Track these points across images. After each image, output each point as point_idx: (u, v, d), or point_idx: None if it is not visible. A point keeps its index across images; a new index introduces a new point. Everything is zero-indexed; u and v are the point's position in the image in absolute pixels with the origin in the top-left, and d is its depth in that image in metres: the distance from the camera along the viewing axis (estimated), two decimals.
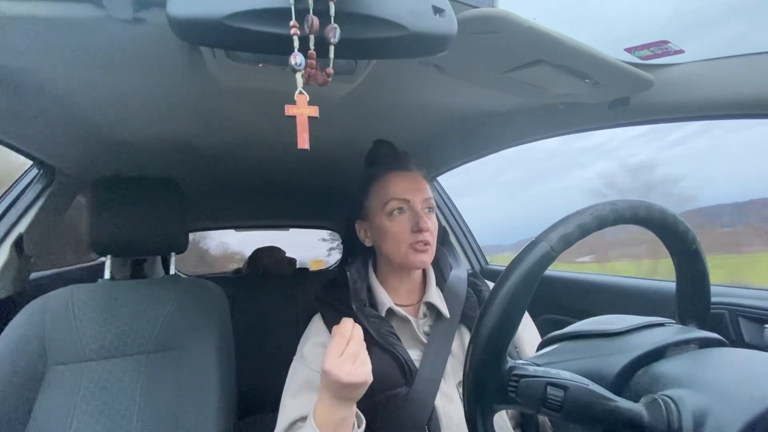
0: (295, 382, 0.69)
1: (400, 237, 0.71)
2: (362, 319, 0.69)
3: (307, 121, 0.44)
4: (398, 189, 0.72)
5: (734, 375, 0.35)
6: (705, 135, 3.48)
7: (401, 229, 0.71)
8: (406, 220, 0.71)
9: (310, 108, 0.44)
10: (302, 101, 0.43)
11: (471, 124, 1.03)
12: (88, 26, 0.52)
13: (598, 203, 0.42)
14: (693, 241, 0.45)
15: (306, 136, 0.43)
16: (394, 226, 0.72)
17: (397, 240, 0.71)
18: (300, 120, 0.43)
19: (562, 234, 0.39)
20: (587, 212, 0.41)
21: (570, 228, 0.40)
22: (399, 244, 0.71)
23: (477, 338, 0.39)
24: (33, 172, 1.13)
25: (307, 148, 0.43)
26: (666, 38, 0.62)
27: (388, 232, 0.72)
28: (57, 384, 0.83)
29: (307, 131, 0.43)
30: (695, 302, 0.48)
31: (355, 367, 0.57)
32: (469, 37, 0.53)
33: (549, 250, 0.39)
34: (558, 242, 0.39)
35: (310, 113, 0.44)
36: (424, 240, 0.70)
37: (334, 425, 0.58)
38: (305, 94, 0.43)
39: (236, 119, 0.94)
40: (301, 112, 0.43)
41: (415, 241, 0.70)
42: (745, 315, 0.76)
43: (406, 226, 0.71)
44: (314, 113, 0.44)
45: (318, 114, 0.44)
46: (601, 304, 1.08)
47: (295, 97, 0.43)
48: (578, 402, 0.35)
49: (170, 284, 0.99)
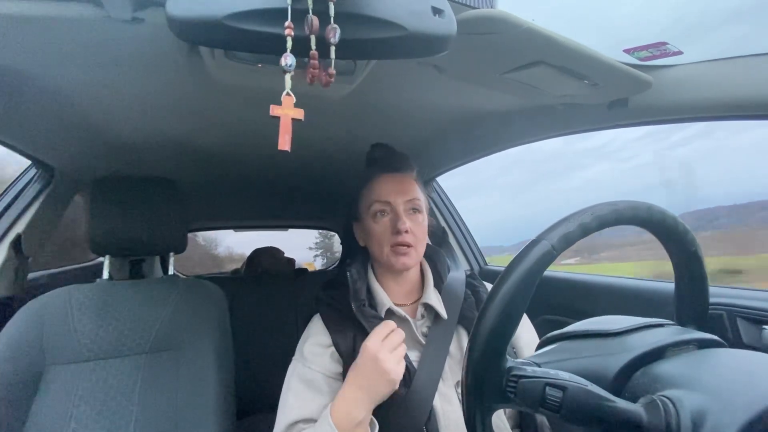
0: (295, 382, 0.69)
1: (381, 238, 0.73)
2: (361, 319, 0.69)
3: (291, 123, 0.43)
4: (382, 191, 0.74)
5: (732, 376, 0.35)
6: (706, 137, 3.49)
7: (383, 230, 0.73)
8: (388, 222, 0.73)
9: (295, 110, 0.43)
10: (288, 103, 0.43)
11: (470, 124, 1.03)
12: (87, 26, 0.52)
13: (599, 203, 0.42)
14: (692, 242, 0.45)
15: (288, 138, 0.43)
16: (377, 228, 0.73)
17: (379, 241, 0.73)
18: (284, 121, 0.43)
19: (564, 233, 0.39)
20: (588, 212, 0.41)
21: (571, 227, 0.40)
22: (381, 246, 0.73)
23: (476, 336, 0.39)
24: (31, 172, 1.12)
25: (287, 150, 0.43)
26: (665, 40, 0.63)
27: (372, 234, 0.74)
28: (55, 384, 0.82)
29: (290, 133, 0.43)
30: (694, 304, 0.48)
31: (393, 356, 0.61)
32: (469, 37, 0.53)
33: (550, 249, 0.39)
34: (559, 241, 0.39)
35: (294, 115, 0.43)
36: (404, 242, 0.71)
37: (352, 426, 0.59)
38: (292, 96, 0.43)
39: (235, 119, 0.94)
40: (285, 113, 0.43)
41: (395, 243, 0.71)
42: (744, 316, 0.76)
43: (387, 228, 0.72)
44: (299, 116, 0.43)
45: (303, 117, 0.44)
46: (600, 305, 1.08)
47: (282, 98, 0.43)
48: (577, 402, 0.35)
49: (169, 284, 0.99)
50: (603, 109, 0.80)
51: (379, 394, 0.61)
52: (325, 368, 0.69)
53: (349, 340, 0.70)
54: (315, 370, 0.69)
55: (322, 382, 0.68)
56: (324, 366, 0.69)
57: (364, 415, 0.60)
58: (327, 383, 0.68)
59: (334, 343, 0.70)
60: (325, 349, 0.71)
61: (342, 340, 0.70)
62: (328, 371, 0.69)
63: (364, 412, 0.60)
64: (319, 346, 0.71)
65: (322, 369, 0.69)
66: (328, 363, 0.70)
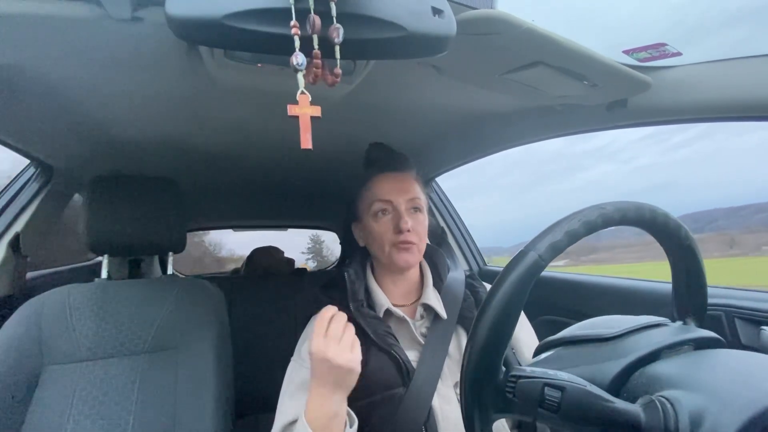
0: (293, 383, 0.69)
1: (383, 237, 0.73)
2: (360, 319, 0.69)
3: (310, 121, 0.44)
4: (383, 190, 0.74)
5: (731, 376, 0.35)
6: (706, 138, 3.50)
7: (385, 229, 0.73)
8: (390, 221, 0.73)
9: (312, 108, 0.44)
10: (304, 101, 0.43)
11: (469, 124, 1.03)
12: (86, 25, 0.52)
13: (586, 208, 0.42)
14: (686, 237, 0.45)
15: (309, 136, 0.43)
16: (379, 227, 0.73)
17: (381, 240, 0.73)
18: (303, 120, 0.43)
19: (551, 242, 0.39)
20: (575, 218, 0.41)
21: (558, 236, 0.40)
22: (383, 245, 0.73)
23: (473, 343, 0.39)
24: (30, 171, 1.12)
25: (310, 148, 0.43)
26: (665, 41, 0.63)
27: (373, 233, 0.74)
28: (53, 384, 0.82)
29: (309, 131, 0.43)
30: (692, 298, 0.48)
31: (341, 348, 0.57)
32: (468, 38, 0.53)
33: (537, 259, 0.39)
34: (546, 251, 0.39)
35: (312, 113, 0.44)
36: (406, 240, 0.71)
37: (326, 420, 0.58)
38: (307, 94, 0.43)
39: (234, 119, 0.94)
40: (304, 112, 0.43)
41: (396, 242, 0.71)
42: (742, 316, 0.76)
43: (389, 227, 0.72)
44: (317, 113, 0.44)
45: (320, 114, 0.44)
46: (598, 304, 1.09)
47: (298, 98, 0.43)
48: (575, 403, 0.35)
49: (168, 284, 0.98)
50: (602, 109, 0.80)
51: (344, 385, 0.59)
52: None
53: None
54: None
55: None
56: None
57: (337, 407, 0.59)
58: None
59: None
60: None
61: None
62: None
63: (336, 404, 0.59)
64: None
65: None
66: None
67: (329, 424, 0.58)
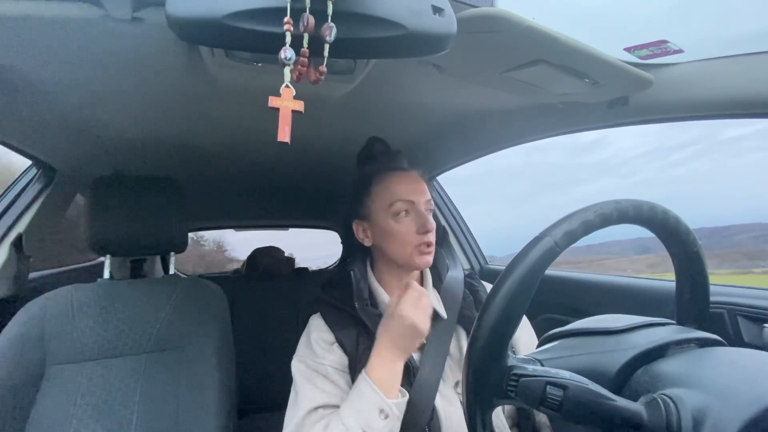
0: (307, 375, 0.68)
1: (406, 238, 0.71)
2: (364, 318, 0.69)
3: (290, 115, 0.43)
4: (404, 190, 0.73)
5: (733, 374, 0.35)
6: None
7: (407, 230, 0.72)
8: (412, 222, 0.72)
9: (295, 102, 0.43)
10: (288, 95, 0.43)
11: (470, 123, 1.03)
12: (86, 26, 0.52)
13: (602, 201, 0.42)
14: (694, 243, 0.45)
15: (288, 129, 0.42)
16: (400, 228, 0.72)
17: (403, 241, 0.72)
18: (283, 113, 0.43)
19: (567, 230, 0.39)
20: (592, 210, 0.40)
21: (574, 225, 0.39)
22: (405, 246, 0.72)
23: (478, 334, 0.38)
24: (32, 172, 1.12)
25: (287, 141, 0.42)
26: (666, 38, 0.62)
27: (394, 234, 0.72)
28: (56, 384, 0.83)
29: (289, 125, 0.43)
30: (694, 304, 0.48)
31: (425, 318, 0.64)
32: (469, 36, 0.53)
33: (553, 246, 0.38)
34: (562, 238, 0.39)
35: (294, 107, 0.43)
36: (428, 241, 0.71)
37: (392, 381, 0.62)
38: (291, 88, 0.43)
39: (235, 119, 0.94)
40: (284, 105, 0.43)
41: (420, 243, 0.71)
42: (745, 314, 0.76)
43: (412, 228, 0.72)
44: (299, 107, 0.43)
45: (303, 109, 0.43)
46: (600, 303, 1.08)
47: (281, 90, 0.43)
48: (577, 401, 0.35)
49: (170, 284, 0.99)
50: (603, 107, 0.79)
51: (408, 352, 0.65)
52: (334, 362, 0.69)
53: (352, 338, 0.70)
54: (326, 364, 0.68)
55: (334, 374, 0.68)
56: (333, 360, 0.69)
57: (398, 371, 0.63)
58: (339, 375, 0.68)
59: (338, 340, 0.70)
60: (330, 346, 0.71)
61: (346, 338, 0.70)
62: (338, 364, 0.69)
63: (398, 369, 0.63)
64: (325, 342, 0.71)
65: (332, 363, 0.69)
66: (337, 357, 0.70)
67: (394, 385, 0.62)
